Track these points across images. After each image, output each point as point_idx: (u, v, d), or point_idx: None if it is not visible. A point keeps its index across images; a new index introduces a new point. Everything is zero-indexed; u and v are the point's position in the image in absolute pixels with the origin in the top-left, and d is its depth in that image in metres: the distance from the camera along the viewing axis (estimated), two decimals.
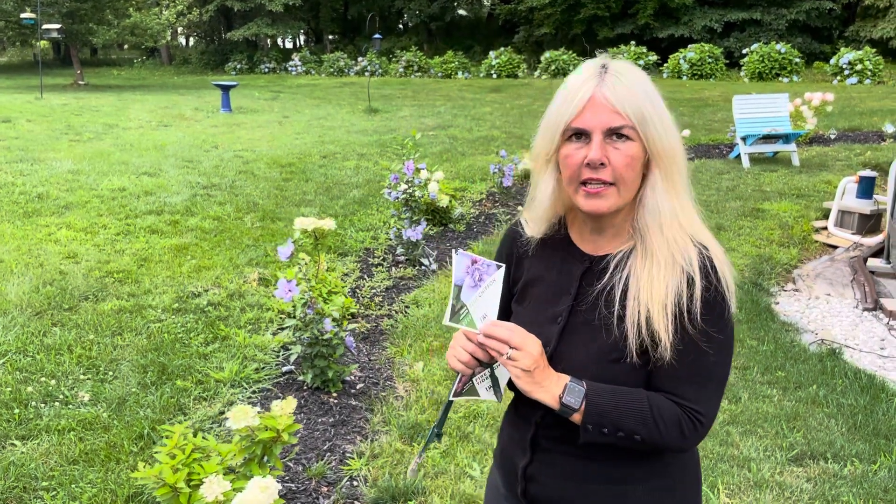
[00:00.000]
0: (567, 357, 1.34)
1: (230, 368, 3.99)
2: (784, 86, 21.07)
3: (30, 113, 15.54)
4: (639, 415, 1.25)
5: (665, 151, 1.28)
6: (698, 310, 1.25)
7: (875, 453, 3.38)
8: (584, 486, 1.36)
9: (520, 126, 14.10)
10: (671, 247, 1.28)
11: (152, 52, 39.13)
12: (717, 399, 1.31)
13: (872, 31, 25.43)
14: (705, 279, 1.26)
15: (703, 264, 1.27)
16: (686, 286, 1.26)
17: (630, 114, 1.25)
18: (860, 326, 5.10)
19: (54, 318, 4.68)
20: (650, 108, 1.27)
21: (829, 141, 11.99)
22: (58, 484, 3.02)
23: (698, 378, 1.28)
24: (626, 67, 1.30)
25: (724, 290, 1.27)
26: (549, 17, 30.30)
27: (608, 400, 1.26)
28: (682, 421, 1.27)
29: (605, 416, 1.25)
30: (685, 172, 1.33)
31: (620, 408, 1.25)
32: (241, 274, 5.58)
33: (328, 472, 3.19)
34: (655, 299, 1.26)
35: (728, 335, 1.29)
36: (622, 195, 1.29)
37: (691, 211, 1.33)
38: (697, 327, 1.26)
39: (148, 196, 7.99)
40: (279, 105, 18.53)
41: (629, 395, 1.27)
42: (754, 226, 7.18)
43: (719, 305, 1.27)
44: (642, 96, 1.27)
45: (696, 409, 1.28)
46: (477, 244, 6.51)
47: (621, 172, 1.27)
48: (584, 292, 1.35)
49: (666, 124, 1.29)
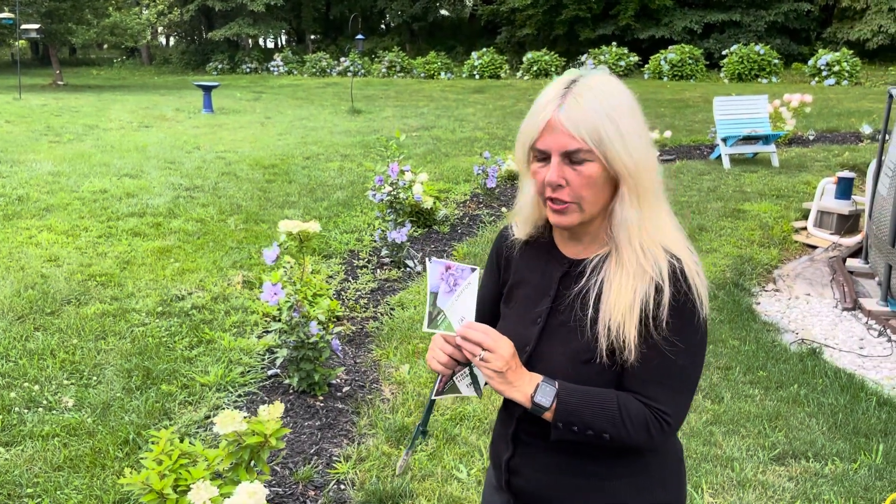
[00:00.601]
0: (545, 357, 1.39)
1: (215, 372, 3.98)
2: (763, 87, 21.28)
3: (8, 114, 15.36)
4: (608, 414, 1.30)
5: (628, 169, 1.30)
6: (664, 316, 1.30)
7: (855, 452, 3.44)
8: (562, 479, 1.42)
9: (503, 127, 14.14)
10: (639, 256, 1.32)
11: (132, 51, 38.81)
12: (684, 400, 1.34)
13: (850, 32, 25.75)
14: (673, 286, 1.30)
15: (673, 273, 1.30)
16: (654, 293, 1.30)
17: (585, 137, 1.28)
18: (839, 326, 5.18)
19: (36, 322, 4.64)
20: (609, 129, 1.28)
21: (808, 142, 12.13)
22: (42, 490, 3.00)
23: (665, 380, 1.32)
24: (591, 85, 1.31)
25: (694, 297, 1.31)
26: (531, 18, 30.40)
27: (578, 399, 1.31)
28: (649, 421, 1.31)
29: (575, 415, 1.30)
30: (655, 186, 1.34)
31: (590, 407, 1.30)
32: (225, 277, 5.56)
33: (315, 475, 3.19)
34: (623, 305, 1.31)
35: (697, 340, 1.33)
36: (585, 211, 1.34)
37: (663, 222, 1.35)
38: (663, 333, 1.30)
39: (130, 198, 7.93)
40: (261, 106, 18.45)
41: (599, 396, 1.31)
42: (735, 226, 7.26)
43: (688, 311, 1.31)
44: (600, 117, 1.28)
45: (663, 410, 1.32)
46: (461, 245, 6.53)
47: (579, 193, 1.32)
48: (562, 295, 1.41)
49: (629, 142, 1.30)
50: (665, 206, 1.37)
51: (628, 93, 1.35)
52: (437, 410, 3.73)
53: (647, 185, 1.33)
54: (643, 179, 1.32)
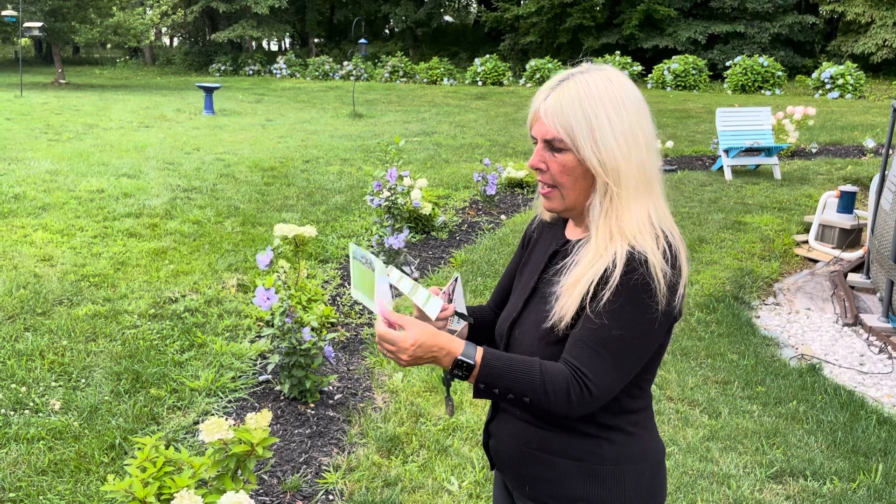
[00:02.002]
0: (522, 324, 1.52)
1: (206, 377, 3.92)
2: (766, 99, 21.26)
3: (9, 111, 15.33)
4: (528, 379, 1.36)
5: (593, 164, 1.39)
6: (610, 290, 1.35)
7: (854, 471, 3.38)
8: (523, 449, 1.50)
9: (504, 134, 14.10)
10: (601, 243, 1.40)
11: (135, 51, 38.82)
12: (611, 370, 1.36)
13: (854, 46, 25.74)
14: (624, 270, 1.35)
15: (630, 259, 1.35)
16: (602, 272, 1.37)
17: (559, 128, 1.40)
18: (840, 342, 5.12)
19: (27, 322, 4.58)
20: (580, 123, 1.39)
21: (811, 155, 12.08)
22: (25, 495, 2.94)
23: (593, 344, 1.36)
24: (580, 79, 1.42)
25: (647, 284, 1.34)
26: (535, 26, 30.40)
27: (501, 364, 1.38)
28: (570, 387, 1.35)
29: (497, 378, 1.37)
30: (631, 183, 1.40)
31: (511, 371, 1.37)
32: (219, 280, 5.51)
33: (303, 485, 3.13)
34: (573, 279, 1.41)
35: (641, 321, 1.36)
36: (566, 198, 1.46)
37: (635, 218, 1.40)
38: (603, 308, 1.35)
39: (127, 198, 7.88)
40: (263, 108, 18.42)
41: (523, 362, 1.38)
42: (736, 238, 7.20)
43: (636, 295, 1.35)
44: (574, 111, 1.39)
45: (584, 373, 1.35)
46: (459, 252, 6.47)
47: (557, 178, 1.45)
48: (548, 270, 1.53)
49: (600, 137, 1.38)
50: (645, 204, 1.41)
51: (624, 90, 1.41)
52: (428, 421, 3.67)
53: (620, 181, 1.39)
54: (616, 175, 1.39)
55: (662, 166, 1.51)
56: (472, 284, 5.62)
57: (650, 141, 1.44)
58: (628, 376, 1.40)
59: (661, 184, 1.47)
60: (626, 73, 1.61)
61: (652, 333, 1.39)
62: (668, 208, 1.47)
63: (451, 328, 1.63)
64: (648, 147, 1.43)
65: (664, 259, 1.37)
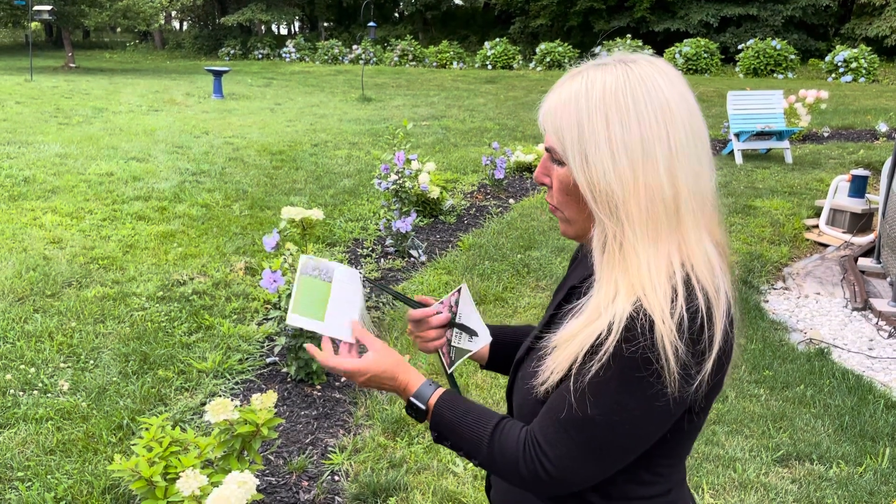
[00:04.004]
0: (523, 370, 1.25)
1: (213, 359, 3.94)
2: (779, 82, 21.06)
3: (19, 95, 15.37)
4: (476, 440, 1.17)
5: (588, 187, 1.06)
6: (599, 362, 1.03)
7: (861, 455, 3.36)
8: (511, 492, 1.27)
9: (514, 118, 14.04)
10: (605, 297, 1.06)
11: (145, 35, 38.81)
12: (579, 456, 1.08)
13: (868, 28, 25.44)
14: (625, 332, 1.01)
15: (631, 323, 1.02)
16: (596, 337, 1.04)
17: (552, 136, 1.10)
18: (849, 326, 5.09)
19: (36, 304, 4.61)
20: (570, 132, 1.06)
21: (823, 139, 11.98)
22: (33, 474, 2.97)
23: (565, 422, 1.07)
24: (588, 77, 1.08)
25: (650, 355, 1.00)
26: (546, 9, 30.20)
27: (453, 416, 1.20)
28: (520, 460, 1.11)
29: (447, 429, 1.20)
30: (635, 216, 1.04)
31: (463, 427, 1.18)
32: (227, 262, 5.52)
33: (309, 465, 3.14)
34: (566, 333, 1.09)
35: (626, 402, 1.03)
36: (572, 223, 1.16)
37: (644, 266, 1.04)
38: (591, 377, 1.04)
39: (136, 181, 7.90)
40: (272, 92, 18.40)
41: (477, 419, 1.18)
42: (746, 223, 7.16)
43: (628, 367, 1.02)
44: (567, 116, 1.07)
45: (544, 451, 1.09)
46: (467, 236, 6.46)
47: (557, 197, 1.15)
48: (561, 309, 1.23)
49: (592, 153, 1.05)
50: (665, 246, 1.05)
51: (647, 91, 1.05)
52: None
53: (619, 213, 1.04)
54: (610, 204, 1.05)
55: (712, 191, 1.12)
56: (479, 268, 5.61)
57: (676, 158, 1.05)
58: (610, 467, 1.09)
59: (703, 215, 1.08)
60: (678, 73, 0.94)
61: (649, 422, 1.05)
62: (714, 249, 1.09)
63: (461, 346, 1.44)
64: (671, 167, 1.05)
65: (679, 327, 1.00)
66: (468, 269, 5.58)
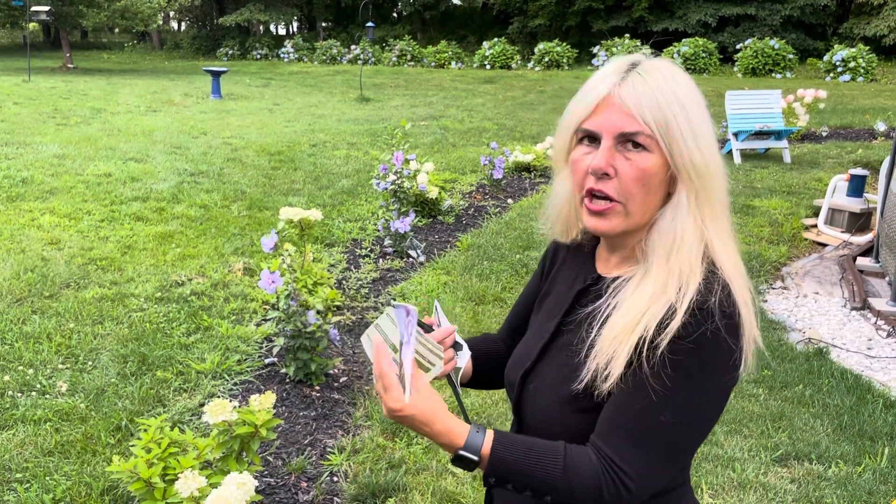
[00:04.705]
0: (539, 375, 1.23)
1: (212, 360, 3.94)
2: (777, 82, 21.07)
3: (17, 96, 15.36)
4: (548, 477, 1.08)
5: (695, 170, 1.10)
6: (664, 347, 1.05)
7: (860, 455, 3.37)
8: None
9: (512, 118, 14.03)
10: (670, 277, 1.09)
11: (143, 36, 38.78)
12: (656, 466, 1.08)
13: (866, 28, 25.45)
14: (696, 315, 1.04)
15: (706, 299, 1.05)
16: (662, 314, 1.06)
17: (649, 119, 1.08)
18: (848, 326, 5.09)
19: (34, 305, 4.60)
20: (679, 116, 1.09)
21: (821, 138, 11.98)
22: (32, 476, 2.96)
23: (639, 435, 1.06)
24: (659, 66, 1.12)
25: (725, 337, 1.04)
26: (544, 9, 30.18)
27: (516, 458, 1.09)
28: (603, 487, 1.06)
29: (510, 474, 1.10)
30: (723, 197, 1.13)
31: (528, 467, 1.09)
32: (226, 263, 5.52)
33: (308, 466, 3.14)
34: (625, 325, 1.09)
35: (698, 399, 1.06)
36: (630, 216, 1.13)
37: (725, 246, 1.12)
38: (655, 368, 1.05)
39: (134, 182, 7.89)
40: (270, 92, 18.39)
41: (542, 454, 1.09)
42: (744, 222, 7.16)
43: (704, 353, 1.04)
44: (670, 100, 1.09)
45: (625, 471, 1.06)
46: (465, 236, 6.46)
47: (629, 187, 1.11)
48: (575, 312, 1.23)
49: (700, 138, 1.10)
50: (730, 227, 1.15)
51: (694, 85, 1.15)
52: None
53: (716, 192, 1.12)
54: (710, 186, 1.12)
55: None
56: (478, 268, 5.61)
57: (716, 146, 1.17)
58: (676, 469, 1.12)
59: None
60: None
61: (712, 413, 1.09)
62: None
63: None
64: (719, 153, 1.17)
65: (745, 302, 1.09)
66: (467, 270, 5.58)
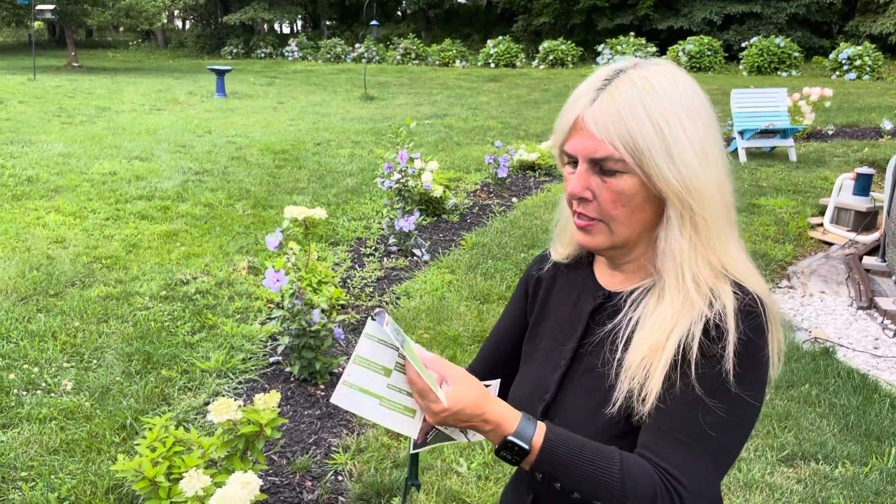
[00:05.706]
0: (565, 407, 1.16)
1: (216, 358, 3.94)
2: (783, 80, 21.00)
3: (22, 94, 15.39)
4: (604, 479, 1.01)
5: (672, 188, 1.05)
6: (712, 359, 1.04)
7: (867, 455, 3.35)
8: None
9: (517, 116, 14.01)
10: (690, 291, 1.07)
11: (148, 34, 38.86)
12: (707, 470, 1.04)
13: (872, 26, 25.37)
14: (740, 325, 1.04)
15: (742, 308, 1.05)
16: (700, 332, 1.05)
17: (617, 143, 1.04)
18: (854, 325, 5.07)
19: (39, 303, 4.61)
20: (649, 136, 1.03)
21: (827, 137, 11.94)
22: (37, 474, 2.97)
23: (688, 437, 1.03)
24: (637, 77, 1.07)
25: (762, 344, 1.05)
26: (549, 7, 30.16)
27: (570, 452, 1.02)
28: (658, 496, 1.00)
29: (561, 470, 1.02)
30: (719, 210, 1.08)
31: (584, 464, 1.01)
32: (230, 262, 5.52)
33: (313, 465, 3.14)
34: (654, 342, 1.07)
35: (746, 397, 1.04)
36: (616, 233, 1.10)
37: (731, 255, 1.10)
38: (703, 377, 1.04)
39: (139, 181, 7.90)
40: (274, 91, 18.40)
41: (598, 454, 1.02)
42: (750, 221, 7.13)
43: (747, 361, 1.04)
44: (639, 119, 1.03)
45: (675, 476, 1.01)
46: (470, 235, 6.45)
47: (608, 209, 1.08)
48: (592, 332, 1.17)
49: (677, 153, 1.04)
50: (735, 235, 1.11)
51: (691, 90, 1.09)
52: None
53: (706, 208, 1.07)
54: (700, 200, 1.06)
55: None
56: (482, 267, 5.60)
57: (724, 157, 1.12)
58: (725, 474, 1.08)
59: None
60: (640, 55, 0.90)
61: (757, 410, 1.06)
62: None
63: None
64: (724, 165, 1.11)
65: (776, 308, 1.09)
66: (471, 268, 5.57)
